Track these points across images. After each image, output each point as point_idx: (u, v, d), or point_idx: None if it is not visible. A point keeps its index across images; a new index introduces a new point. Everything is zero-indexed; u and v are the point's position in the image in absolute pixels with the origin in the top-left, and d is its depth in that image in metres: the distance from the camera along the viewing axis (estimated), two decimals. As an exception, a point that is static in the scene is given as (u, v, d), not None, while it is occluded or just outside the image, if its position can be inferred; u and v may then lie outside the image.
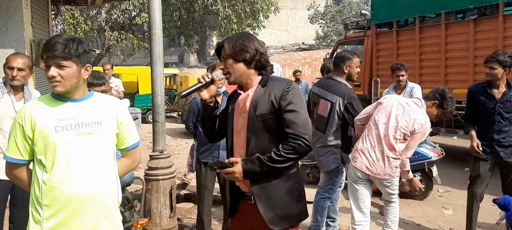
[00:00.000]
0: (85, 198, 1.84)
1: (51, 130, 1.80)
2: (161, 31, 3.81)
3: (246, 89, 2.07)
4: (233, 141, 2.08)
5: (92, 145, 1.86)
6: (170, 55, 34.45)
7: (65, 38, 1.81)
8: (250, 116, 1.98)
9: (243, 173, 1.94)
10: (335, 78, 3.69)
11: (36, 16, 5.84)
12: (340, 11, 30.69)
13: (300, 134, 1.91)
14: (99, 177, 1.88)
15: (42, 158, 1.82)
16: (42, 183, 1.82)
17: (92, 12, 19.71)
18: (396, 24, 8.04)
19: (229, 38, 2.07)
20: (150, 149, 6.18)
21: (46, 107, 1.84)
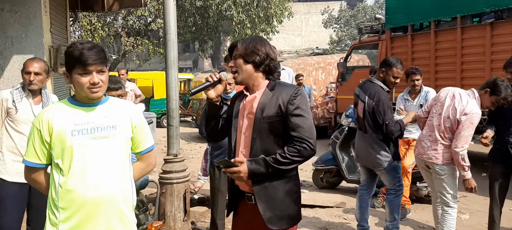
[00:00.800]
0: (101, 200, 1.87)
1: (68, 134, 1.85)
2: (175, 37, 3.87)
3: (252, 91, 2.12)
4: (237, 140, 2.13)
5: (107, 149, 1.90)
6: (184, 61, 34.76)
7: (93, 45, 1.87)
8: (257, 117, 2.04)
9: (248, 173, 1.99)
10: (373, 80, 3.81)
11: (54, 22, 5.98)
12: (355, 16, 30.56)
13: (305, 137, 1.98)
14: (115, 180, 1.91)
15: (59, 161, 1.87)
16: (59, 186, 1.86)
17: (109, 18, 20.05)
18: (411, 28, 7.97)
19: (243, 39, 2.14)
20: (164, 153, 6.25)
21: (63, 112, 1.89)
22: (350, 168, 5.77)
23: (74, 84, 1.87)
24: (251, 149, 2.05)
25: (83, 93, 1.87)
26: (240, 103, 2.16)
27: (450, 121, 3.46)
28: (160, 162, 4.01)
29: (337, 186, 6.05)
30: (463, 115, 3.38)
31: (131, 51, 20.54)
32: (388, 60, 3.78)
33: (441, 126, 3.49)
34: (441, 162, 3.51)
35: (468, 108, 3.39)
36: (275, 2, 22.74)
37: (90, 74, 1.83)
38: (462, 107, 3.41)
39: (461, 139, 3.40)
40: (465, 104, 3.41)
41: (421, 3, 7.65)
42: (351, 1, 37.20)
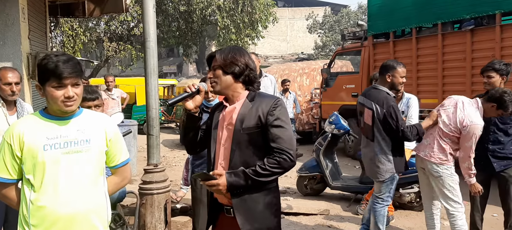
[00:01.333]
0: (74, 217, 1.82)
1: (40, 148, 1.78)
2: (155, 44, 3.81)
3: (232, 102, 2.09)
4: (216, 152, 2.09)
5: (80, 163, 1.85)
6: (168, 65, 34.54)
7: (69, 57, 1.82)
8: (236, 128, 2.01)
9: (227, 186, 1.95)
10: (378, 87, 3.76)
11: (33, 29, 5.85)
12: (338, 21, 30.86)
13: (285, 148, 1.96)
14: (88, 195, 1.86)
15: (30, 177, 1.80)
16: (30, 202, 1.80)
17: (91, 24, 19.77)
18: (392, 35, 8.05)
19: (221, 50, 2.10)
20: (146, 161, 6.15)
21: (35, 125, 1.83)
22: (334, 175, 5.77)
23: (48, 97, 1.81)
24: (230, 160, 2.01)
25: (56, 107, 1.81)
26: (220, 114, 2.12)
27: (450, 128, 3.50)
28: (142, 171, 3.93)
29: (321, 192, 6.04)
30: (463, 125, 3.42)
31: (113, 56, 20.28)
32: (390, 64, 3.75)
33: (441, 130, 3.55)
34: (435, 161, 3.55)
35: (467, 119, 3.41)
36: (260, 8, 22.78)
37: (65, 88, 1.78)
38: (462, 117, 3.43)
39: (464, 149, 3.45)
40: (466, 114, 3.44)
41: (403, 10, 7.74)
42: (335, 7, 37.57)
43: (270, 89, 5.01)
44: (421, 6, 7.39)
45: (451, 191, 3.56)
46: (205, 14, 22.03)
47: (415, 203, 5.22)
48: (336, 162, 5.93)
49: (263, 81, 4.96)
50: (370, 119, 3.68)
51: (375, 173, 3.74)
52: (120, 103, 7.78)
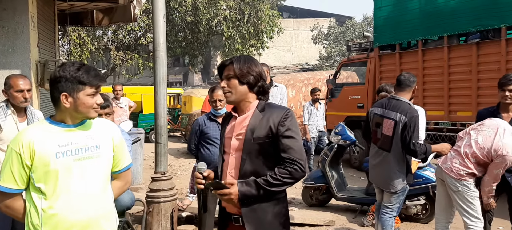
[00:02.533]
0: (87, 223, 1.83)
1: (52, 156, 1.78)
2: (165, 54, 3.85)
3: (242, 111, 2.10)
4: (224, 161, 2.10)
5: (91, 169, 1.87)
6: (174, 75, 34.70)
7: (89, 66, 1.88)
8: (247, 138, 2.01)
9: (239, 195, 1.95)
10: (398, 98, 3.76)
11: (42, 37, 5.92)
12: (343, 32, 30.94)
13: (296, 159, 1.97)
14: (99, 201, 1.88)
15: (41, 185, 1.79)
16: (41, 210, 1.79)
17: (98, 32, 19.98)
18: (399, 47, 8.08)
19: (236, 59, 2.09)
20: (152, 169, 6.15)
21: (45, 133, 1.82)
22: (340, 186, 5.75)
23: (78, 104, 1.81)
24: (240, 170, 2.02)
25: (84, 114, 1.84)
26: (228, 125, 2.14)
27: (481, 151, 3.35)
28: (148, 179, 3.95)
29: (326, 203, 6.02)
30: (497, 154, 3.28)
31: (120, 65, 20.44)
32: (411, 76, 3.82)
33: (470, 148, 3.42)
34: (454, 176, 3.45)
35: (504, 149, 3.26)
36: (265, 18, 22.95)
37: (96, 96, 1.85)
38: (500, 146, 3.27)
39: (491, 175, 3.35)
40: (504, 143, 3.28)
41: (409, 22, 7.77)
42: (340, 18, 37.71)
43: (277, 99, 5.04)
44: (427, 19, 7.42)
45: (470, 206, 3.46)
46: (211, 24, 22.20)
47: (421, 215, 5.20)
48: (341, 173, 5.92)
49: (272, 91, 4.99)
50: (391, 129, 3.66)
51: (388, 184, 3.74)
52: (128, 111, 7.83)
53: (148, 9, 17.75)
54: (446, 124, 7.11)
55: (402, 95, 3.76)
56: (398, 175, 3.68)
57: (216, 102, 3.70)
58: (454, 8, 6.98)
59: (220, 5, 21.53)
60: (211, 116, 3.78)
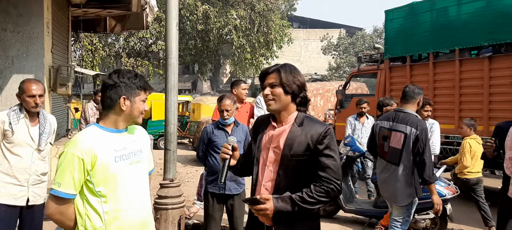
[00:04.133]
0: (145, 222, 1.97)
1: (111, 161, 1.86)
2: (177, 61, 3.87)
3: (280, 121, 2.06)
4: (259, 172, 2.08)
5: (141, 172, 2.00)
6: (183, 82, 34.92)
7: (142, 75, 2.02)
8: (284, 153, 1.98)
9: (274, 211, 1.93)
10: (405, 111, 3.72)
11: (56, 43, 6.02)
12: (353, 44, 30.95)
13: (333, 179, 1.94)
14: (148, 202, 2.03)
15: (101, 189, 1.84)
16: (104, 213, 1.85)
17: (110, 39, 20.23)
18: (409, 59, 8.05)
19: (282, 67, 2.05)
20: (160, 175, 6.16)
21: (102, 139, 1.88)
22: (348, 198, 5.71)
23: (134, 108, 1.93)
24: (275, 184, 2.00)
25: (135, 119, 1.96)
26: (264, 134, 2.10)
27: None
28: (156, 186, 3.96)
29: (334, 215, 5.97)
30: None
31: (131, 72, 20.65)
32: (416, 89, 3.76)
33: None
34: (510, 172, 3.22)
35: None
36: (275, 28, 23.06)
37: (146, 102, 1.98)
38: None
39: None
40: None
41: (420, 35, 7.75)
42: (350, 29, 37.74)
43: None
44: (438, 32, 7.40)
45: None
46: (222, 33, 22.37)
47: (430, 229, 5.13)
48: (350, 185, 5.88)
49: None
50: (401, 142, 3.62)
51: (396, 197, 3.70)
52: None
53: (160, 17, 17.95)
54: (456, 137, 7.04)
55: (408, 108, 3.72)
56: (406, 188, 3.63)
57: (224, 112, 3.73)
58: (466, 21, 6.96)
59: (231, 14, 21.70)
60: (219, 124, 3.79)
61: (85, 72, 12.43)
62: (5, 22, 5.08)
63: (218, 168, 3.58)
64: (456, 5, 7.15)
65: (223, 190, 3.67)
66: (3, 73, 5.18)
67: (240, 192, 3.77)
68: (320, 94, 11.56)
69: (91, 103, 7.35)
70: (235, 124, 3.80)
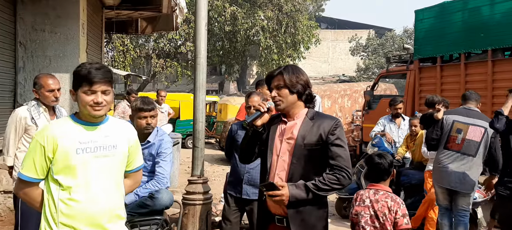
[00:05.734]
0: (107, 216, 1.94)
1: (73, 152, 1.89)
2: (205, 61, 3.98)
3: (291, 118, 2.19)
4: (272, 163, 2.17)
5: (107, 167, 1.97)
6: (211, 83, 35.30)
7: (101, 66, 1.95)
8: (298, 143, 2.12)
9: (289, 197, 2.03)
10: (474, 109, 4.31)
11: (90, 43, 6.26)
12: (382, 44, 30.43)
13: (344, 166, 2.08)
14: (113, 196, 1.99)
15: (59, 177, 1.90)
16: (59, 201, 1.90)
17: (141, 40, 20.72)
18: (440, 59, 7.88)
19: (285, 69, 2.19)
20: (188, 173, 6.29)
21: (68, 130, 1.93)
22: (374, 199, 5.65)
23: (79, 102, 1.93)
24: (289, 173, 2.11)
25: (86, 111, 1.92)
26: (277, 128, 2.22)
27: None
28: (183, 183, 4.08)
29: (360, 216, 5.92)
30: None
31: (160, 72, 21.05)
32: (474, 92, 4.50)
33: None
34: None
35: None
36: (303, 29, 22.98)
37: (95, 94, 1.88)
38: None
39: None
40: None
41: (451, 35, 7.58)
42: (379, 30, 37.12)
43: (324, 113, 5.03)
44: (470, 32, 7.21)
45: None
46: (249, 34, 22.48)
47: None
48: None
49: None
50: (480, 136, 4.10)
51: (470, 186, 4.10)
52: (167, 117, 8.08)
53: (189, 19, 18.25)
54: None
55: (474, 107, 4.26)
56: (476, 178, 4.12)
57: (251, 108, 3.59)
58: (500, 21, 6.76)
59: (258, 15, 21.79)
60: (243, 124, 3.67)
61: (116, 72, 12.81)
62: (44, 24, 5.33)
63: (237, 169, 3.52)
64: (489, 5, 6.95)
65: (239, 194, 3.52)
66: (41, 73, 5.44)
67: None
68: (347, 95, 11.46)
69: (124, 103, 7.60)
70: None
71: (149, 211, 2.88)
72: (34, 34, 5.33)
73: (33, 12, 5.31)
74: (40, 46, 5.35)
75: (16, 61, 5.35)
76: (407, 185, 5.53)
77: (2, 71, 5.10)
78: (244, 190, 3.51)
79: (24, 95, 5.36)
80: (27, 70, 5.34)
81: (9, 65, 5.25)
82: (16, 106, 5.30)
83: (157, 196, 2.89)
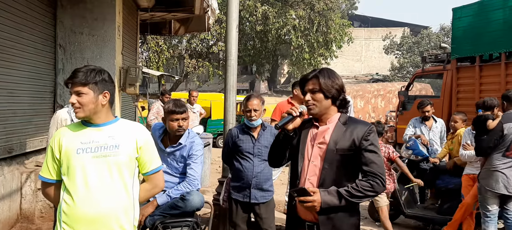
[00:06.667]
0: (100, 217, 1.92)
1: (73, 152, 1.93)
2: (236, 63, 4.00)
3: (322, 122, 2.14)
4: (303, 167, 2.13)
5: (107, 167, 1.95)
6: (241, 83, 35.50)
7: (86, 67, 1.96)
8: (330, 148, 2.06)
9: (321, 204, 1.99)
10: None
11: (126, 45, 6.42)
12: (418, 43, 29.60)
13: (378, 173, 2.02)
14: (115, 197, 1.96)
15: (64, 178, 1.96)
16: (62, 201, 1.95)
17: (174, 41, 21.12)
18: (479, 59, 7.57)
19: (320, 72, 2.13)
20: (219, 173, 6.35)
21: (73, 131, 1.99)
22: (409, 203, 5.50)
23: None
24: (320, 178, 2.07)
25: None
26: (308, 132, 2.17)
27: None
28: (215, 183, 4.11)
29: (394, 220, 5.78)
30: None
31: (192, 72, 21.37)
32: None
33: None
34: None
35: None
36: (335, 28, 22.69)
37: (72, 95, 1.93)
38: None
39: None
40: None
41: (491, 33, 7.26)
42: (415, 28, 36.12)
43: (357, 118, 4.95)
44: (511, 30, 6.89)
45: None
46: (280, 33, 22.43)
47: None
48: (412, 190, 5.67)
49: None
50: None
51: None
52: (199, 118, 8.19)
53: (220, 19, 18.42)
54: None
55: None
56: None
57: (251, 112, 3.39)
58: (545, 18, 6.42)
59: (290, 14, 21.70)
60: (245, 127, 3.49)
61: (151, 72, 13.11)
62: (82, 26, 5.52)
63: (243, 174, 3.43)
64: (533, 2, 6.62)
65: (248, 198, 3.43)
66: (79, 74, 5.64)
67: (268, 200, 3.50)
68: (381, 95, 11.23)
69: (158, 103, 7.76)
70: (262, 127, 3.48)
71: (181, 213, 2.91)
72: (72, 36, 5.53)
73: (72, 15, 5.50)
74: (78, 48, 5.54)
75: (55, 63, 5.57)
76: (443, 189, 5.35)
77: (43, 73, 5.32)
78: (252, 194, 3.42)
79: (63, 96, 5.57)
80: (66, 72, 5.54)
81: (49, 67, 5.47)
82: (55, 106, 5.52)
83: (188, 197, 2.92)
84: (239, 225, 3.53)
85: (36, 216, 4.86)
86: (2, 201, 4.43)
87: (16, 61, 4.70)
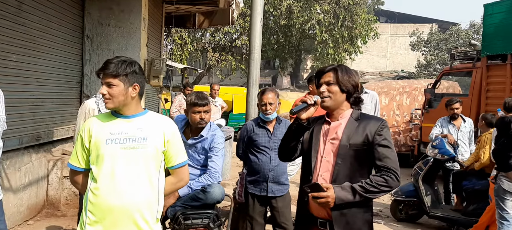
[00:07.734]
0: (125, 208, 1.93)
1: (103, 142, 1.96)
2: (259, 57, 3.98)
3: (334, 118, 2.13)
4: (316, 163, 2.11)
5: (136, 159, 1.96)
6: (264, 77, 35.47)
7: (117, 59, 1.98)
8: (343, 143, 2.05)
9: (335, 199, 1.96)
10: None
11: (151, 37, 6.50)
12: (446, 39, 28.81)
13: (392, 168, 2.00)
14: (140, 189, 1.97)
15: (93, 167, 1.99)
16: (89, 190, 1.98)
17: (198, 34, 21.25)
18: (511, 57, 7.29)
19: (338, 66, 2.13)
20: (239, 166, 6.37)
21: (103, 121, 2.02)
22: (434, 203, 5.38)
23: None
24: (333, 174, 2.05)
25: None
26: (321, 128, 2.15)
27: None
28: (235, 176, 4.12)
29: (417, 220, 5.68)
30: None
31: (215, 66, 21.47)
32: None
33: None
34: None
35: None
36: (361, 23, 22.34)
37: (102, 86, 1.96)
38: None
39: None
40: None
41: (525, 30, 6.98)
42: (443, 24, 35.18)
43: (368, 107, 4.87)
44: (548, 27, 6.60)
45: None
46: (304, 28, 22.24)
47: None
48: (436, 189, 5.54)
49: (364, 98, 4.84)
50: None
51: None
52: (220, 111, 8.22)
53: (244, 13, 18.41)
54: None
55: None
56: None
57: (266, 106, 3.39)
58: None
59: (315, 8, 21.48)
60: (260, 121, 3.50)
61: (174, 65, 13.23)
62: (108, 18, 5.61)
63: (260, 168, 3.44)
64: None
65: (265, 192, 3.45)
66: (106, 65, 5.75)
67: (284, 193, 3.52)
68: (406, 93, 10.96)
69: (180, 96, 7.83)
70: (277, 120, 3.49)
71: (201, 205, 2.93)
72: (99, 28, 5.63)
73: (99, 7, 5.61)
74: (104, 40, 5.65)
75: (83, 54, 5.69)
76: (470, 190, 5.21)
77: (70, 64, 5.44)
78: (269, 188, 3.45)
79: (90, 86, 5.69)
80: (93, 63, 5.66)
81: (76, 57, 5.60)
82: (82, 96, 5.65)
83: (209, 190, 2.93)
84: (256, 219, 3.53)
85: (61, 203, 5.00)
86: (30, 187, 4.58)
87: (45, 51, 4.82)
